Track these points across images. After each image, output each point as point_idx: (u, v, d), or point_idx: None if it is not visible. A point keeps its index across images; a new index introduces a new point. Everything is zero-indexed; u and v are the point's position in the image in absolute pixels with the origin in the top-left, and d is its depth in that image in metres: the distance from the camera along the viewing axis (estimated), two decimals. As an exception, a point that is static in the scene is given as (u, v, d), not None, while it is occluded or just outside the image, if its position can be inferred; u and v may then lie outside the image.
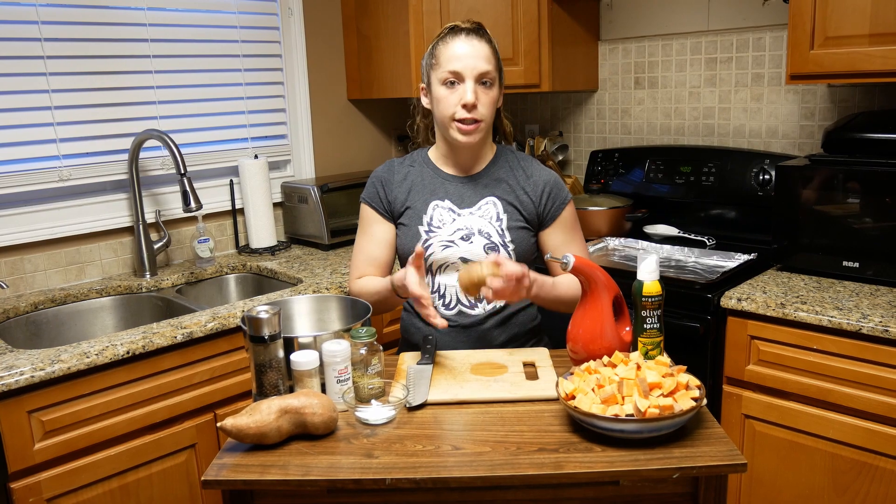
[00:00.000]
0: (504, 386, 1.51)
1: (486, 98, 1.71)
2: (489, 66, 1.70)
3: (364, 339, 1.48)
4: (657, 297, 1.46)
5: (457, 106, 1.69)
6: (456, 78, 1.69)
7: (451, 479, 1.22)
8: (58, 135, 2.36)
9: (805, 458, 1.99)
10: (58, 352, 1.80)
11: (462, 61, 1.68)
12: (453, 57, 1.69)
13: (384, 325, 2.46)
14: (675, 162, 2.76)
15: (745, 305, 2.01)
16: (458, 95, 1.69)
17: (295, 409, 1.32)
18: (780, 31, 2.56)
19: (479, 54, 1.69)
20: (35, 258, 2.34)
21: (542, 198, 1.80)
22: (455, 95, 1.69)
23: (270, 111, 2.92)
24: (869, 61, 2.02)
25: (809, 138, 2.57)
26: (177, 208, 2.62)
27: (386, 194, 1.84)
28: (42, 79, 2.31)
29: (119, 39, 2.46)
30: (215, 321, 2.00)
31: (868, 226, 2.05)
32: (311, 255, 2.72)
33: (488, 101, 1.71)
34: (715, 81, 2.76)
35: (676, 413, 1.24)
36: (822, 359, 1.91)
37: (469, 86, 1.68)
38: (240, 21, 2.76)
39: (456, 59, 1.69)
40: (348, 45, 3.04)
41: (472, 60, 1.68)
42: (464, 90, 1.68)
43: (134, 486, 1.91)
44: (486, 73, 1.69)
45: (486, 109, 1.71)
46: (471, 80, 1.68)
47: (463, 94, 1.68)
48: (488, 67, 1.70)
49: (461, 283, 1.54)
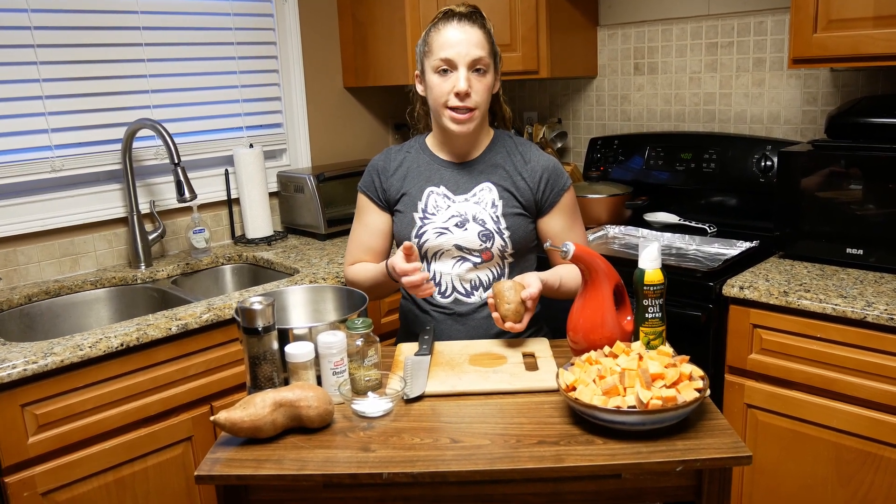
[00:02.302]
0: (503, 377, 1.49)
1: (480, 85, 1.68)
2: (482, 52, 1.67)
3: (360, 331, 1.45)
4: (659, 285, 1.44)
5: (450, 94, 1.67)
6: (448, 66, 1.67)
7: (450, 473, 1.19)
8: (50, 125, 2.33)
9: (809, 448, 1.97)
10: (51, 344, 1.78)
11: (454, 48, 1.65)
12: (445, 44, 1.66)
13: (381, 316, 2.44)
14: (676, 149, 2.73)
15: (747, 294, 1.99)
16: (450, 83, 1.67)
17: (290, 402, 1.30)
18: (782, 14, 2.53)
19: (472, 41, 1.66)
20: (28, 250, 2.31)
21: (539, 184, 1.77)
22: (448, 83, 1.67)
23: (265, 100, 2.89)
24: (873, 44, 1.99)
25: (812, 124, 2.54)
26: (171, 198, 2.59)
27: (381, 183, 1.83)
28: (33, 68, 2.27)
29: (111, 27, 2.42)
30: (210, 312, 1.98)
31: (872, 212, 2.03)
32: (307, 245, 2.70)
33: (482, 88, 1.68)
34: (716, 66, 2.73)
35: (680, 404, 1.22)
36: (826, 347, 1.89)
37: (462, 73, 1.65)
38: (233, 8, 2.72)
39: (448, 47, 1.66)
40: (343, 31, 3.00)
41: (465, 47, 1.65)
42: (456, 78, 1.66)
43: (129, 479, 1.90)
44: (478, 59, 1.66)
45: (480, 97, 1.69)
46: (463, 67, 1.66)
47: (456, 81, 1.66)
48: (481, 54, 1.67)
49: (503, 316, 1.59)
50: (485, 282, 1.77)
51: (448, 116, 1.69)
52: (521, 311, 1.58)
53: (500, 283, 1.61)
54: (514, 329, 1.58)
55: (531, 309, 1.60)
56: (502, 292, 1.59)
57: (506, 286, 1.60)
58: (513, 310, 1.57)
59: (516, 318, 1.58)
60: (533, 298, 1.58)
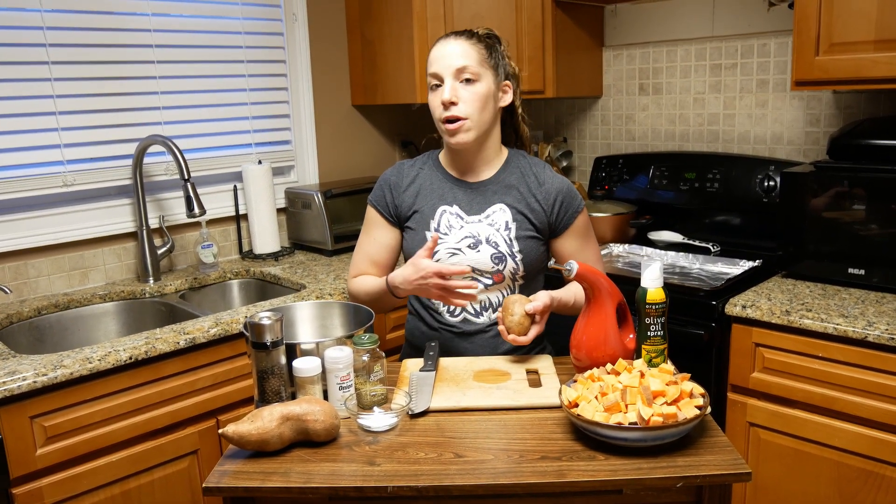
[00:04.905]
0: (507, 393, 1.50)
1: (467, 94, 1.68)
2: (468, 61, 1.68)
3: (366, 346, 1.47)
4: (661, 304, 1.46)
5: (440, 107, 1.70)
6: (437, 80, 1.70)
7: (454, 487, 1.21)
8: (62, 140, 2.37)
9: (811, 466, 1.98)
10: (60, 357, 1.80)
11: (439, 62, 1.70)
12: (433, 60, 1.71)
13: (387, 332, 2.45)
14: (680, 168, 2.75)
15: (749, 313, 2.00)
16: (439, 96, 1.70)
17: (297, 416, 1.32)
18: (785, 37, 2.55)
19: (456, 52, 1.68)
20: (39, 263, 2.34)
21: (553, 207, 1.77)
22: (437, 96, 1.70)
23: (274, 117, 2.92)
24: (874, 67, 2.01)
25: (815, 145, 2.56)
26: (180, 214, 2.62)
27: (393, 198, 1.83)
28: (47, 84, 2.31)
29: (123, 45, 2.46)
30: (218, 327, 2.00)
31: (874, 233, 2.04)
32: (314, 261, 2.72)
33: (470, 96, 1.68)
34: (720, 87, 2.76)
35: (680, 421, 1.23)
36: (828, 367, 1.90)
37: (448, 84, 1.68)
38: (244, 27, 2.76)
39: (434, 61, 1.71)
40: (352, 50, 3.04)
41: (448, 59, 1.68)
42: (443, 90, 1.69)
43: (136, 492, 1.91)
44: (463, 68, 1.67)
45: (469, 106, 1.68)
46: (448, 77, 1.68)
47: (442, 94, 1.69)
48: (466, 62, 1.67)
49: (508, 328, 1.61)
50: (494, 303, 1.77)
51: (443, 129, 1.72)
52: (526, 325, 1.60)
53: (509, 297, 1.64)
54: (517, 342, 1.59)
55: (539, 324, 1.61)
56: (509, 305, 1.62)
57: (513, 299, 1.62)
58: (517, 321, 1.59)
59: (520, 330, 1.59)
60: (538, 311, 1.60)
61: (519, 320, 1.59)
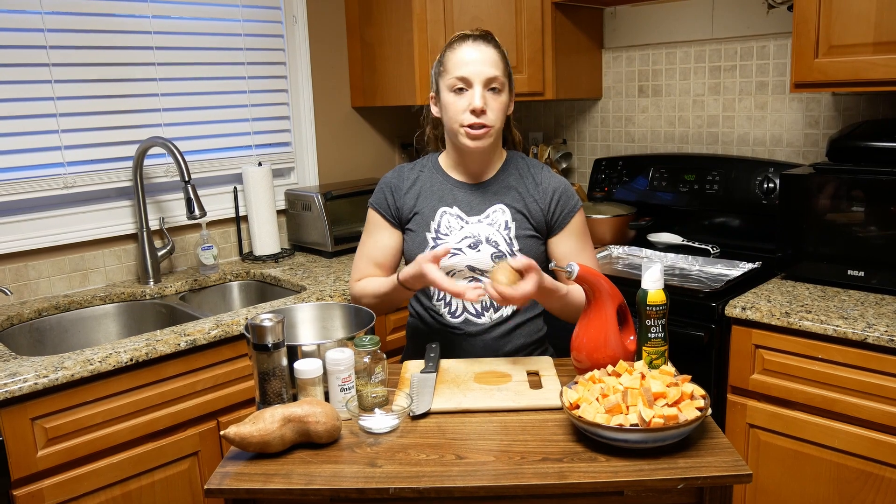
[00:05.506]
0: (508, 395, 1.51)
1: (495, 104, 1.70)
2: (497, 71, 1.69)
3: (368, 348, 1.47)
4: (661, 305, 1.46)
5: (465, 112, 1.68)
6: (464, 84, 1.68)
7: (455, 489, 1.21)
8: (62, 142, 2.37)
9: (810, 468, 1.98)
10: (61, 359, 1.80)
11: (469, 67, 1.68)
12: (461, 62, 1.69)
13: (388, 333, 2.46)
14: (679, 170, 2.75)
15: (749, 314, 2.00)
16: (466, 101, 1.68)
17: (298, 418, 1.32)
18: (785, 39, 2.56)
19: (487, 59, 1.68)
20: (39, 265, 2.34)
21: (550, 205, 1.78)
22: (464, 101, 1.69)
23: (274, 118, 2.93)
24: (873, 70, 2.02)
25: (814, 147, 2.57)
26: (181, 215, 2.62)
27: (395, 200, 1.84)
28: (47, 86, 2.32)
29: (124, 47, 2.47)
30: (219, 328, 2.00)
31: (873, 235, 2.05)
32: (314, 263, 2.72)
33: (497, 106, 1.70)
34: (719, 89, 2.76)
35: (681, 423, 1.24)
36: (828, 368, 1.90)
37: (477, 91, 1.67)
38: (244, 28, 2.77)
39: (463, 65, 1.68)
40: (352, 52, 3.05)
41: (480, 66, 1.67)
42: (472, 95, 1.67)
43: (136, 493, 1.91)
44: (494, 78, 1.68)
45: (495, 115, 1.70)
46: (479, 85, 1.67)
47: (471, 99, 1.67)
48: (496, 73, 1.69)
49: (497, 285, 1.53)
50: (495, 304, 1.78)
51: (464, 133, 1.70)
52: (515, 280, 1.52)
53: (493, 268, 1.57)
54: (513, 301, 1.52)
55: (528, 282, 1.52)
56: (495, 274, 1.54)
57: (497, 267, 1.55)
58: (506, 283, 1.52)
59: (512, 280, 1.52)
60: (523, 266, 1.52)
61: (510, 279, 1.52)
